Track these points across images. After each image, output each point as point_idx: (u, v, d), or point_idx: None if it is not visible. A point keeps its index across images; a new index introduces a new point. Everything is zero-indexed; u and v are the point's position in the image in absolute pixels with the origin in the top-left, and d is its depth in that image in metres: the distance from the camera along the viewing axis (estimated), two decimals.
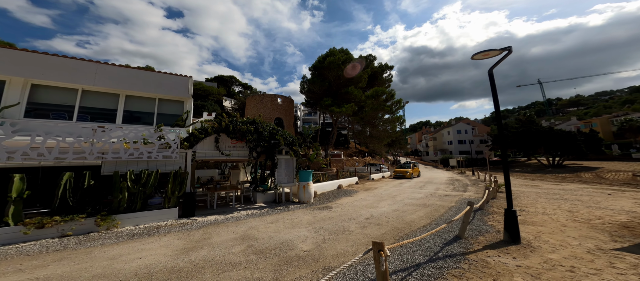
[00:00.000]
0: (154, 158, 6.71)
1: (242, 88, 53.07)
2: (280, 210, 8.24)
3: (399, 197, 11.22)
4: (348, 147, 40.79)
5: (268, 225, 6.30)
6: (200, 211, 7.79)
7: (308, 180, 9.81)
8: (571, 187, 16.19)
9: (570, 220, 7.23)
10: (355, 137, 27.77)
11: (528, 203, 10.07)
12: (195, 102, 40.12)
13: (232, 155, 8.17)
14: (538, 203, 10.10)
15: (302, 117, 59.02)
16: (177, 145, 6.95)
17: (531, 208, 9.04)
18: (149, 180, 6.35)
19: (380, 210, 8.46)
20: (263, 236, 5.31)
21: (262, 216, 7.27)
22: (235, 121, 8.02)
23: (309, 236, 5.32)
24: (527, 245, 5.02)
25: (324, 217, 7.20)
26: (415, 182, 19.28)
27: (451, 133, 64.35)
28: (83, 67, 8.21)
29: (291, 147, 9.42)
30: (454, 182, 19.08)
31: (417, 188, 15.13)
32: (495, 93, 5.67)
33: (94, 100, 8.60)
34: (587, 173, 29.12)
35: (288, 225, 6.31)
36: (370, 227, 6.16)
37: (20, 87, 7.54)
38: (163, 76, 9.79)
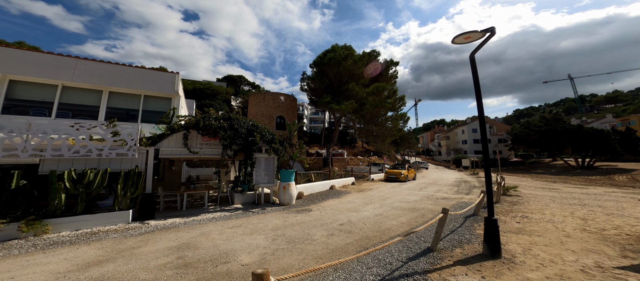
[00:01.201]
0: (106, 156, 6.21)
1: (251, 87, 53.69)
2: (254, 212, 7.80)
3: (389, 200, 10.43)
4: (355, 146, 39.87)
5: (225, 230, 5.79)
6: (165, 214, 7.39)
7: (290, 180, 9.32)
8: (597, 191, 14.43)
9: (579, 229, 6.17)
10: (358, 135, 26.87)
11: (536, 208, 8.92)
12: (203, 101, 41.00)
13: (203, 154, 7.81)
14: (548, 208, 8.91)
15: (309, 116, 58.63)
16: (134, 142, 6.57)
17: (537, 214, 7.95)
18: (95, 181, 5.83)
19: (362, 214, 7.78)
20: (207, 245, 4.80)
21: (228, 219, 6.80)
22: (207, 116, 7.67)
23: (261, 246, 4.77)
24: (509, 259, 4.20)
25: (295, 222, 6.65)
26: (416, 183, 18.17)
27: (466, 132, 61.07)
28: (62, 63, 8.12)
29: (270, 144, 8.94)
30: (460, 183, 17.77)
31: (415, 189, 14.16)
32: (477, 81, 4.86)
33: (76, 96, 8.53)
34: (621, 175, 26.22)
35: (249, 230, 5.80)
36: (338, 235, 5.52)
37: None
38: (148, 72, 9.62)
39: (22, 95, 7.92)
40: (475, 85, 4.88)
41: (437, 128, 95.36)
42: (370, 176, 19.30)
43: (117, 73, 8.98)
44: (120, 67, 9.18)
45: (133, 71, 9.35)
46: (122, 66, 9.26)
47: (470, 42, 4.93)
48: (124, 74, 9.11)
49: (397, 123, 21.97)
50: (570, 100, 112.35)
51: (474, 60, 4.94)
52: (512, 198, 11.03)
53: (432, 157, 72.99)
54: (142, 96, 9.59)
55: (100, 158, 6.26)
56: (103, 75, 8.73)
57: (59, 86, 8.27)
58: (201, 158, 8.28)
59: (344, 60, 22.76)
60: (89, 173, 5.74)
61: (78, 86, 8.55)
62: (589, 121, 61.78)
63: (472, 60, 4.95)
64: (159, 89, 9.63)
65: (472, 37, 4.82)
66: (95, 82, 8.62)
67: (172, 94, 9.91)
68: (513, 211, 8.44)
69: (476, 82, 4.87)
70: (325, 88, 24.74)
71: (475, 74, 4.90)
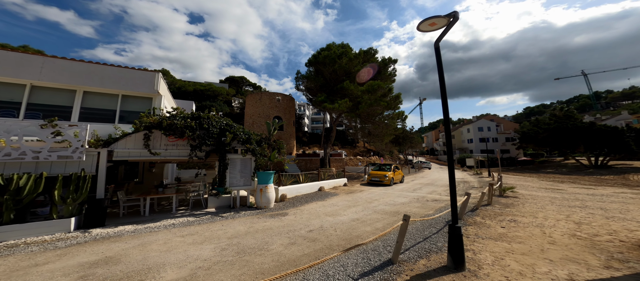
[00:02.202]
0: (45, 159, 5.63)
1: (252, 88, 53.78)
2: (223, 217, 7.44)
3: (375, 203, 9.92)
4: (356, 146, 39.25)
5: (173, 239, 5.31)
6: (123, 220, 6.94)
7: (267, 182, 8.95)
8: (605, 192, 13.50)
9: (568, 235, 5.58)
10: (354, 135, 26.33)
11: (529, 211, 8.27)
12: (204, 102, 41.20)
13: (168, 155, 7.50)
14: (543, 211, 8.26)
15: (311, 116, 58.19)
16: (81, 143, 6.12)
17: (528, 217, 7.33)
18: (26, 187, 5.19)
19: (338, 219, 7.34)
20: (134, 259, 4.27)
21: (187, 226, 6.37)
22: (174, 115, 7.36)
23: (201, 258, 4.31)
24: (472, 272, 3.71)
25: (261, 228, 6.24)
26: (410, 184, 17.48)
27: (471, 131, 59.35)
28: (28, 61, 7.83)
29: (245, 144, 8.59)
30: (459, 184, 17.02)
31: (408, 191, 13.57)
32: (441, 71, 4.39)
33: (48, 96, 8.25)
34: (637, 175, 24.73)
35: (201, 239, 5.37)
36: (300, 244, 5.08)
37: None
38: (124, 71, 9.25)
39: None
40: (439, 75, 4.40)
41: (442, 127, 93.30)
42: (365, 176, 18.75)
43: (90, 72, 8.64)
44: (94, 66, 8.86)
45: (108, 70, 8.99)
46: (96, 64, 8.94)
47: (437, 29, 4.47)
48: (97, 73, 8.76)
49: (394, 122, 21.33)
50: (585, 97, 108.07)
51: (438, 49, 4.47)
52: (507, 200, 10.37)
53: (437, 157, 71.31)
54: (120, 96, 9.25)
55: (38, 161, 5.80)
56: (75, 74, 8.41)
57: (27, 85, 7.98)
58: (166, 160, 7.97)
59: (339, 59, 22.31)
60: (17, 179, 5.22)
61: (49, 86, 8.24)
62: (604, 118, 59.05)
63: (437, 48, 4.48)
64: (137, 88, 9.32)
65: (437, 23, 4.38)
66: (65, 81, 8.30)
67: (152, 94, 9.61)
68: (503, 214, 7.83)
69: (440, 71, 4.39)
70: (321, 87, 24.34)
71: (439, 63, 4.43)
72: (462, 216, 7.28)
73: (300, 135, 37.06)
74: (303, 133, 39.03)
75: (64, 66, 8.33)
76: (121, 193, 7.53)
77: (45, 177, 5.57)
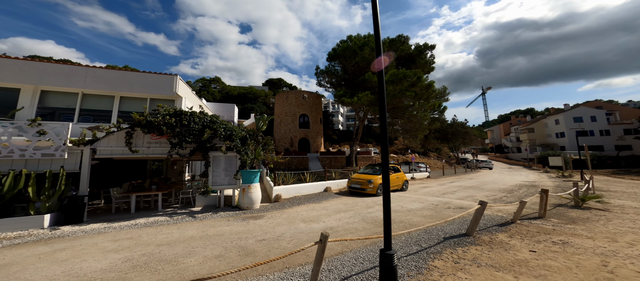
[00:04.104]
0: (30, 156, 6.02)
1: (289, 88, 55.21)
2: (195, 217, 7.10)
3: (374, 209, 8.38)
4: (394, 143, 36.28)
5: (100, 244, 4.88)
6: (108, 217, 7.09)
7: (251, 181, 8.43)
8: None
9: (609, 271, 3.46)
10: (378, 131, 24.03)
11: (606, 231, 5.93)
12: (245, 104, 44.00)
13: (151, 153, 7.58)
14: (634, 234, 5.68)
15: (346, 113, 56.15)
16: (63, 141, 6.41)
17: (596, 240, 5.19)
18: (5, 183, 5.52)
19: (312, 226, 6.32)
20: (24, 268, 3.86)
21: (146, 227, 6.05)
22: (156, 113, 7.40)
23: (91, 269, 3.84)
24: None
25: (215, 234, 5.58)
26: (442, 188, 14.71)
27: (563, 122, 45.85)
28: (76, 72, 8.86)
29: (226, 141, 8.18)
30: (513, 190, 13.59)
31: (430, 195, 11.42)
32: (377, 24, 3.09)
33: (94, 102, 9.38)
34: None
35: (131, 244, 4.87)
36: (230, 258, 4.16)
37: (31, 94, 8.62)
38: (148, 76, 9.85)
39: (51, 103, 8.97)
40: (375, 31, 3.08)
41: (514, 119, 78.67)
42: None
43: (123, 79, 9.51)
44: (125, 73, 9.74)
45: (136, 76, 9.78)
46: (126, 71, 9.85)
47: None
48: (128, 79, 9.60)
49: (425, 115, 18.56)
50: None
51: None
52: (580, 213, 7.69)
53: (506, 155, 60.14)
54: (148, 99, 10.08)
55: (25, 159, 6.30)
56: (111, 81, 9.30)
57: (79, 93, 9.12)
58: (148, 157, 8.14)
59: (361, 50, 20.70)
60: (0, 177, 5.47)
61: (94, 92, 9.31)
62: None
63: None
64: (160, 91, 9.91)
65: None
66: (104, 87, 9.22)
67: (172, 96, 10.14)
68: (552, 232, 5.68)
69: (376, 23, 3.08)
70: (343, 82, 23.08)
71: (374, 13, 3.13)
72: (473, 232, 5.45)
73: (330, 133, 36.16)
74: (333, 130, 38.01)
75: (101, 75, 9.25)
76: (116, 189, 7.98)
77: (25, 174, 6.03)
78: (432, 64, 24.73)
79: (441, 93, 26.13)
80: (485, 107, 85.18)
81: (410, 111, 18.49)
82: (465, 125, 41.02)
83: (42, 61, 9.13)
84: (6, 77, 8.39)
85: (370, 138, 36.57)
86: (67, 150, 6.72)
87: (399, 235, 5.52)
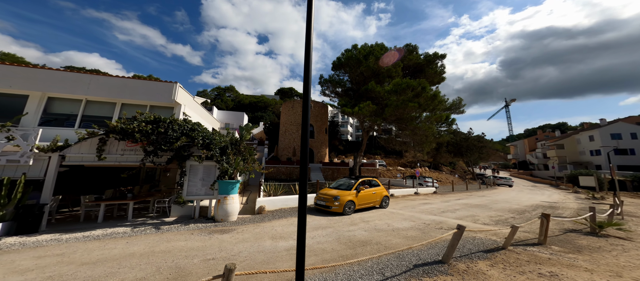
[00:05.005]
0: None
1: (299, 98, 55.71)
2: (160, 229, 6.72)
3: (357, 226, 7.78)
4: (404, 156, 34.93)
5: (19, 263, 4.46)
6: (68, 226, 6.77)
7: (229, 192, 8.09)
8: None
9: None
10: (389, 142, 23.12)
11: (616, 263, 5.02)
12: (255, 113, 44.75)
13: (124, 160, 7.40)
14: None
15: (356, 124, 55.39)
16: (30, 147, 6.34)
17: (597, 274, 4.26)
18: None
19: (280, 244, 5.82)
20: None
21: (98, 240, 5.68)
22: (133, 119, 7.37)
23: None
24: None
25: (163, 250, 5.19)
26: (443, 205, 13.58)
27: (598, 139, 42.07)
28: (81, 79, 9.12)
29: (203, 149, 7.97)
30: (526, 212, 12.25)
31: (426, 213, 10.48)
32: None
33: (97, 109, 9.57)
34: None
35: (54, 262, 4.51)
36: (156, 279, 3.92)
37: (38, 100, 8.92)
38: (148, 83, 10.03)
39: (56, 110, 9.24)
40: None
41: (541, 134, 72.75)
42: (390, 191, 15.88)
43: (124, 86, 9.69)
44: (126, 80, 9.91)
45: (137, 83, 9.96)
46: (127, 79, 9.99)
47: None
48: (130, 86, 9.76)
49: (430, 127, 17.59)
50: None
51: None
52: (593, 241, 6.77)
53: (531, 172, 55.53)
54: (148, 106, 10.18)
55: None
56: (113, 88, 9.50)
57: (83, 100, 9.39)
58: (122, 165, 8.00)
59: (366, 59, 20.33)
60: None
61: (97, 99, 9.55)
62: None
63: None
64: (160, 99, 9.98)
65: None
66: (106, 94, 9.43)
67: (171, 103, 10.16)
68: (545, 263, 4.99)
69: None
70: (347, 91, 22.70)
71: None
72: (449, 259, 4.75)
73: (336, 143, 35.54)
74: (340, 141, 37.34)
75: (104, 82, 9.48)
76: (87, 197, 7.87)
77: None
78: (443, 74, 23.78)
79: (456, 105, 24.87)
80: (509, 119, 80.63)
81: (415, 123, 17.65)
82: (483, 139, 38.73)
83: (51, 69, 9.54)
84: (15, 83, 8.71)
85: (378, 150, 35.56)
86: (34, 157, 6.58)
87: (366, 261, 4.92)
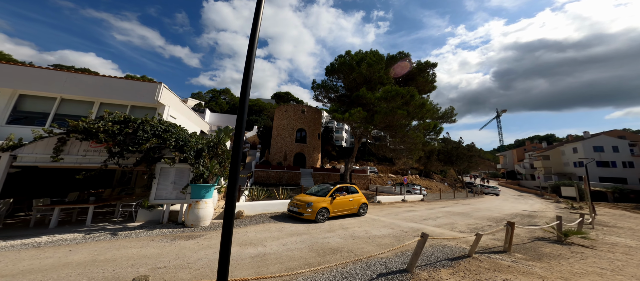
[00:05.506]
0: None
1: (295, 102, 55.63)
2: (116, 235, 6.29)
3: (334, 233, 7.56)
4: (395, 163, 34.92)
5: None
6: (14, 232, 6.28)
7: (201, 196, 7.77)
8: None
9: None
10: (380, 149, 23.06)
11: (570, 271, 4.79)
12: (250, 117, 44.43)
13: (86, 161, 7.00)
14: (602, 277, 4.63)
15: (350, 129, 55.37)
16: None
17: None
18: None
19: (247, 251, 5.59)
20: None
21: (38, 248, 5.22)
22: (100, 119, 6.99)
23: None
24: None
25: (110, 258, 4.87)
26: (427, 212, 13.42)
27: (581, 151, 43.27)
28: (56, 77, 8.75)
29: (175, 152, 7.64)
30: (504, 220, 12.26)
31: (407, 220, 10.29)
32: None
33: (72, 108, 9.12)
34: None
35: None
36: None
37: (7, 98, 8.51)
38: (130, 83, 9.63)
39: (28, 107, 8.82)
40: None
41: (529, 145, 74.32)
42: (376, 198, 15.74)
43: (103, 85, 9.32)
44: (106, 79, 9.53)
45: (118, 82, 9.59)
46: (108, 78, 9.61)
47: None
48: (110, 85, 9.40)
49: (418, 135, 17.59)
50: None
51: None
52: (557, 249, 6.90)
53: (518, 182, 56.22)
54: (129, 106, 9.79)
55: None
56: (91, 86, 9.12)
57: (57, 98, 8.96)
58: (82, 167, 7.40)
59: (358, 65, 20.38)
60: None
61: (74, 98, 9.15)
62: None
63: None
64: (142, 99, 9.64)
65: None
66: (84, 93, 9.04)
67: (154, 104, 9.81)
68: (509, 269, 4.81)
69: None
70: (340, 97, 22.71)
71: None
72: (413, 268, 4.62)
73: (330, 149, 35.41)
74: (333, 147, 37.23)
75: (82, 80, 9.09)
76: (41, 201, 7.37)
77: None
78: (433, 83, 23.97)
79: (448, 114, 25.00)
80: (500, 130, 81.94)
81: (404, 130, 17.65)
82: (472, 148, 39.05)
83: (23, 65, 9.22)
84: None
85: (371, 157, 35.50)
86: None
87: (331, 269, 4.73)
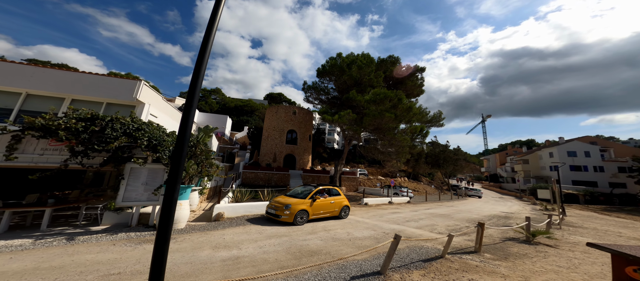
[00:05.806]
0: None
1: (288, 103, 55.32)
2: (77, 240, 5.84)
3: (317, 235, 7.39)
4: (385, 165, 35.07)
5: None
6: None
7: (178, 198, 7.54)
8: None
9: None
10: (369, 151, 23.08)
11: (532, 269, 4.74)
12: (242, 117, 43.87)
13: (43, 161, 6.52)
14: (558, 275, 4.66)
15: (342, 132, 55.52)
16: None
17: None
18: None
19: (220, 254, 5.35)
20: None
21: None
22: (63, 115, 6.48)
23: None
24: None
25: (52, 266, 4.35)
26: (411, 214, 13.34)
27: (557, 156, 45.08)
28: (21, 71, 8.30)
29: (146, 151, 7.15)
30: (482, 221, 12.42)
31: (390, 222, 10.22)
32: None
33: (39, 104, 8.56)
34: None
35: None
36: None
37: None
38: (105, 79, 9.23)
39: None
40: None
41: (511, 149, 76.79)
42: (364, 200, 15.64)
43: (75, 81, 8.86)
44: (79, 74, 9.07)
45: (92, 78, 9.14)
46: (81, 73, 9.14)
47: None
48: (82, 81, 8.95)
49: (405, 138, 17.67)
50: None
51: None
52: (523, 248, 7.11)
53: (500, 185, 57.66)
54: (104, 104, 9.33)
55: None
56: (61, 82, 8.69)
57: (23, 94, 8.43)
58: (39, 167, 6.82)
59: (349, 68, 20.38)
60: None
61: (41, 94, 8.63)
62: None
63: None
64: (119, 96, 9.23)
65: None
66: (53, 89, 8.61)
67: (133, 101, 9.39)
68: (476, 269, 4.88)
69: None
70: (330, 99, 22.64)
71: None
72: (386, 270, 4.52)
73: (321, 151, 35.24)
74: (324, 148, 37.08)
75: (50, 75, 8.63)
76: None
77: None
78: (422, 87, 24.23)
79: (436, 118, 25.26)
80: (485, 135, 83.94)
81: (392, 133, 17.70)
82: (459, 152, 39.77)
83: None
84: None
85: (362, 159, 35.54)
86: None
87: (305, 272, 4.55)
